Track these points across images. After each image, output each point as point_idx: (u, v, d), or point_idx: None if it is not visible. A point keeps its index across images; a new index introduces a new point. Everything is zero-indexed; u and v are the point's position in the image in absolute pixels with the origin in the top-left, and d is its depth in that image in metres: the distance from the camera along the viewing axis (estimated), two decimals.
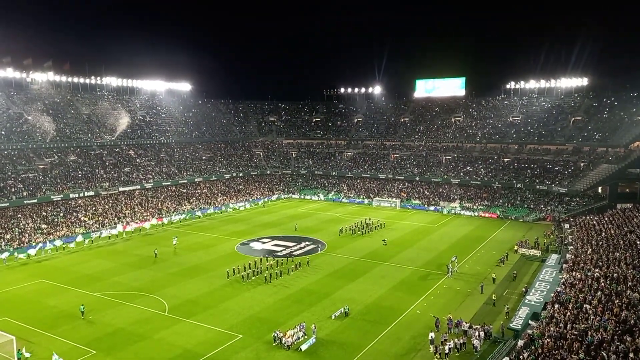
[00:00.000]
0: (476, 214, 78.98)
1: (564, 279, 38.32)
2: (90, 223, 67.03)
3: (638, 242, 43.01)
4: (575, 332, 26.63)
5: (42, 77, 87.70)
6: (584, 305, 30.65)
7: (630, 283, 33.01)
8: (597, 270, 37.50)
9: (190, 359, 30.61)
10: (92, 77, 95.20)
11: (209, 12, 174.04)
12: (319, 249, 58.04)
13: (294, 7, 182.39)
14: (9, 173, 69.96)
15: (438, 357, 30.25)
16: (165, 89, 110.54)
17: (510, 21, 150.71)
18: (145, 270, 49.49)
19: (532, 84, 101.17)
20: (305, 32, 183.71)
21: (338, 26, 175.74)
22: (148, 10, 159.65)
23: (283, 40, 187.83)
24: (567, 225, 61.89)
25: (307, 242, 61.07)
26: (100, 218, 69.03)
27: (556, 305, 32.08)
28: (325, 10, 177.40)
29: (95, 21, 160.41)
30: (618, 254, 40.79)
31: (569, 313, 29.96)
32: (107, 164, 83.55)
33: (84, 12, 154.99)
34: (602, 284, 33.88)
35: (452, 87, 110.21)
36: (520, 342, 28.67)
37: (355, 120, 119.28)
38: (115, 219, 69.86)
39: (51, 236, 60.97)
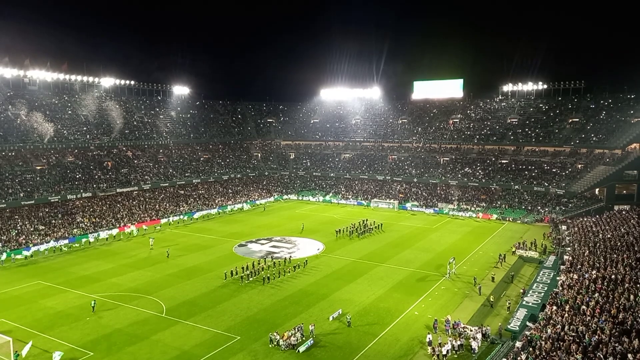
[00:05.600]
0: (474, 215, 79.06)
1: (561, 281, 38.40)
2: (88, 224, 66.89)
3: (635, 244, 43.11)
4: (573, 334, 26.67)
5: (40, 77, 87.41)
6: (582, 307, 30.72)
7: (627, 284, 33.08)
8: (594, 271, 37.59)
9: None
10: (90, 78, 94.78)
11: (207, 14, 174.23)
12: (317, 250, 58.03)
13: (294, 8, 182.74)
14: (6, 174, 69.71)
15: (436, 358, 30.27)
16: (164, 91, 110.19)
17: (508, 22, 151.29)
18: (142, 272, 49.41)
19: (529, 86, 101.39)
20: (303, 33, 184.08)
21: (336, 27, 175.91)
22: (147, 11, 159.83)
23: (282, 41, 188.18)
24: (564, 227, 62.01)
25: (304, 244, 61.06)
26: (97, 219, 68.89)
27: (554, 307, 32.13)
28: (324, 11, 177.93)
29: (94, 22, 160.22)
30: (615, 256, 40.88)
31: (566, 314, 30.01)
32: (104, 165, 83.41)
33: (83, 13, 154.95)
34: (600, 285, 33.96)
35: (450, 88, 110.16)
36: (518, 344, 28.71)
37: (354, 121, 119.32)
38: (113, 220, 69.74)
39: (48, 237, 60.81)
